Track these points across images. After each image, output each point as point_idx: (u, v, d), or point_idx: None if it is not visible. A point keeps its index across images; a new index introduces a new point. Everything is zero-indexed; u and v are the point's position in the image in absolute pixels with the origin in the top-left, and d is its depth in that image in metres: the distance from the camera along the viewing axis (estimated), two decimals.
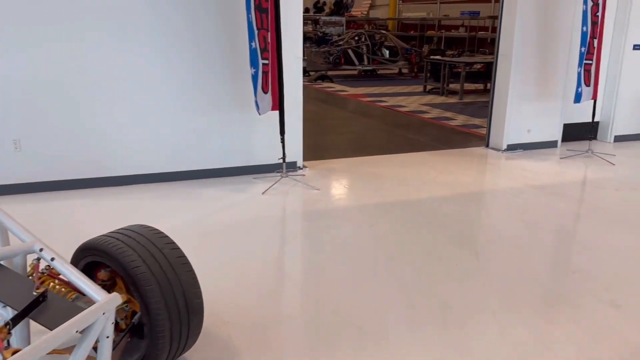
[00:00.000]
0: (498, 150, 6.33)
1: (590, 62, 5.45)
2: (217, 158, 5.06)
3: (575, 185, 5.07)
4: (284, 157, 4.96)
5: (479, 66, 12.13)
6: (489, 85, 12.85)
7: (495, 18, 15.20)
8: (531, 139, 6.38)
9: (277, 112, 4.85)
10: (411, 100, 10.82)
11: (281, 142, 4.89)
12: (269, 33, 4.45)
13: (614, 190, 4.88)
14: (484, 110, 9.42)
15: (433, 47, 16.95)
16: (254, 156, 5.18)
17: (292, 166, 5.38)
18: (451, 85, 11.58)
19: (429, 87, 12.12)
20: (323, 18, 16.97)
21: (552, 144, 6.50)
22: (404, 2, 19.47)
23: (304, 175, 5.25)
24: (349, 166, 5.67)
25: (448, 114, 9.14)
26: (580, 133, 6.79)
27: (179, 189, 4.74)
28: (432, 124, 8.26)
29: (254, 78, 4.39)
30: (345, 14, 22.02)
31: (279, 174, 5.08)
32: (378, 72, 16.31)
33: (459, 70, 11.08)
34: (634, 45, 6.40)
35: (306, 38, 19.27)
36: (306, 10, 22.97)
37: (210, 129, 4.96)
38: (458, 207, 4.38)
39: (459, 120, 8.62)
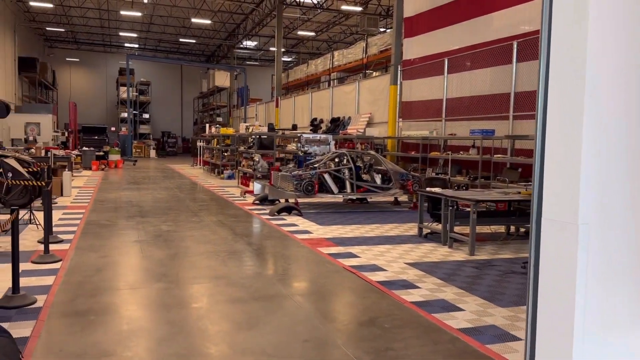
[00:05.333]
0: None
1: None
2: None
3: None
4: None
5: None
6: (513, 228, 9.31)
7: (517, 139, 12.04)
8: None
9: None
10: (397, 253, 7.16)
11: None
12: None
13: None
14: (511, 281, 5.65)
15: (438, 171, 13.66)
16: None
17: None
18: (458, 228, 7.97)
19: (426, 231, 8.51)
20: (305, 135, 14.04)
21: None
22: (404, 119, 16.67)
23: None
24: None
25: (448, 292, 5.40)
26: None
27: None
28: (416, 327, 4.48)
29: None
30: (341, 131, 19.36)
31: None
32: (369, 200, 12.93)
33: (468, 207, 7.55)
34: None
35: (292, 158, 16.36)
36: (294, 127, 20.44)
37: None
38: None
39: (468, 310, 4.85)
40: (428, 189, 8.59)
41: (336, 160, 11.64)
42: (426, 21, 15.99)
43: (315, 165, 11.52)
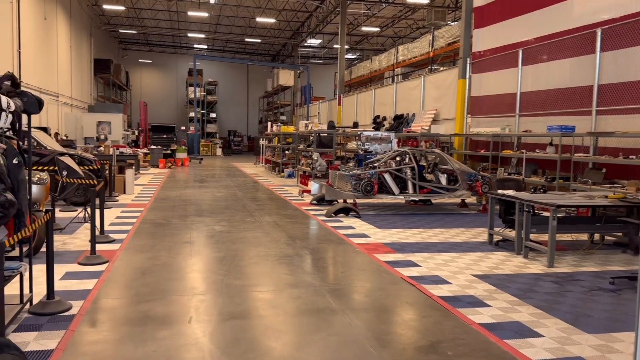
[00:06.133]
0: None
1: None
2: None
3: None
4: None
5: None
6: (597, 236, 8.26)
7: (601, 136, 10.78)
8: None
9: None
10: (463, 263, 6.45)
11: None
12: None
13: None
14: (599, 300, 4.81)
15: (510, 170, 12.65)
16: None
17: None
18: (534, 235, 7.13)
19: (497, 238, 7.71)
20: (365, 133, 13.45)
21: None
22: (473, 115, 15.66)
23: None
24: None
25: (524, 313, 4.66)
26: None
27: None
28: (485, 355, 3.82)
29: None
30: (404, 129, 18.58)
31: None
32: (433, 202, 12.16)
33: (545, 212, 6.71)
34: None
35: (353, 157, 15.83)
36: (355, 124, 19.89)
37: None
38: None
39: (548, 336, 4.12)
40: (500, 191, 7.78)
41: (397, 159, 10.99)
42: (498, 10, 14.92)
43: (375, 165, 10.93)
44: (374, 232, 8.37)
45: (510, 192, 7.51)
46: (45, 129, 16.23)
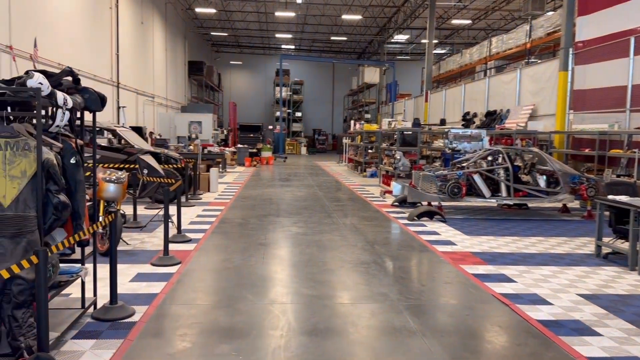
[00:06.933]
0: None
1: None
2: None
3: None
4: None
5: None
6: None
7: None
8: None
9: None
10: (566, 279, 5.61)
11: None
12: None
13: None
14: None
15: (619, 172, 11.25)
16: None
17: None
18: None
19: (605, 250, 6.71)
20: (454, 131, 12.61)
21: None
22: (576, 110, 14.19)
23: None
24: None
25: None
26: None
27: None
28: None
29: None
30: (497, 126, 17.35)
31: None
32: (530, 206, 11.09)
33: None
34: None
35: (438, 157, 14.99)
36: (442, 122, 18.92)
37: None
38: None
39: None
40: (610, 196, 6.77)
41: (489, 158, 10.09)
42: None
43: (463, 165, 10.12)
44: (461, 239, 7.65)
45: (623, 198, 6.50)
46: (140, 129, 16.98)
